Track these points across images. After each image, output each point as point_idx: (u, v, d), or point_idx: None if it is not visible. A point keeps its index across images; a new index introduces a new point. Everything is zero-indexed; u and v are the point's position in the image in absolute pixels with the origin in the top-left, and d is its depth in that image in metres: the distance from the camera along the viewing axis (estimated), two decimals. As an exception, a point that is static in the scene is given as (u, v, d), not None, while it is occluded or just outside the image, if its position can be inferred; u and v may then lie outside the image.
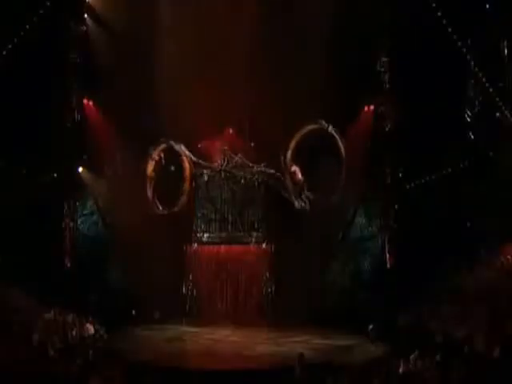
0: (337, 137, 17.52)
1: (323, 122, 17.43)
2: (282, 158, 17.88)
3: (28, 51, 16.86)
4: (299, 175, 17.72)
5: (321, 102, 17.36)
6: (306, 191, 17.60)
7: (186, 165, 18.58)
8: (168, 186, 18.71)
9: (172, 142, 18.42)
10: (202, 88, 17.40)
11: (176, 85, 17.43)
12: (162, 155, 18.34)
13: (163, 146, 18.55)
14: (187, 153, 18.74)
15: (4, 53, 16.71)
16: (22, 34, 16.96)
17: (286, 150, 17.96)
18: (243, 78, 17.60)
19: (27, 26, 17.03)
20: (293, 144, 18.00)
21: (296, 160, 18.00)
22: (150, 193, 18.45)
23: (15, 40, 16.83)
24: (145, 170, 18.67)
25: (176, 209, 18.47)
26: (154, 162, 18.43)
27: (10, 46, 16.74)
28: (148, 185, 18.49)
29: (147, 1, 18.38)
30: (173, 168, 18.63)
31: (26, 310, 15.34)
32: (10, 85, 16.70)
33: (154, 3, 18.40)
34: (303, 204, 17.44)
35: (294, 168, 17.78)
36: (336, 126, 18.27)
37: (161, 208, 18.42)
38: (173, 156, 18.75)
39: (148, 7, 18.10)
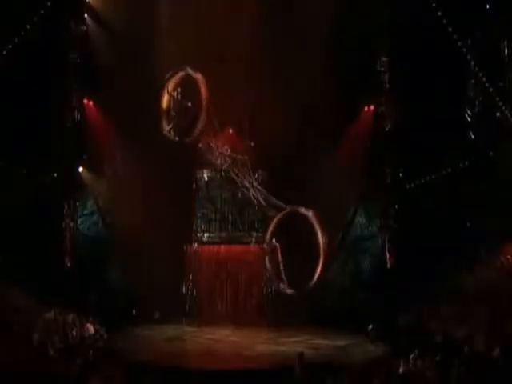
0: (313, 221, 16.11)
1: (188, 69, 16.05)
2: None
3: (28, 51, 16.86)
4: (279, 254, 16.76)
5: (321, 101, 17.36)
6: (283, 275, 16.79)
7: (204, 92, 16.36)
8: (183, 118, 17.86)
9: (189, 69, 16.22)
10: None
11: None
12: (179, 90, 16.27)
13: (180, 74, 16.40)
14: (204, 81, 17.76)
15: (4, 52, 16.71)
16: (22, 33, 16.97)
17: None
18: (243, 77, 17.60)
19: (27, 26, 17.04)
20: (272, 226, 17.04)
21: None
22: (165, 125, 16.69)
23: (15, 40, 16.84)
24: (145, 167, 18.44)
25: (190, 138, 16.55)
26: (168, 96, 17.35)
27: (10, 46, 16.75)
28: (163, 118, 17.51)
29: (147, 1, 18.37)
30: (189, 104, 17.00)
31: (26, 310, 15.34)
32: (10, 84, 16.69)
33: (154, 3, 18.39)
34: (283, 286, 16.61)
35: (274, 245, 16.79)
36: (336, 125, 18.29)
37: (176, 137, 16.99)
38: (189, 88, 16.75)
39: (148, 7, 18.09)
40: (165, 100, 16.39)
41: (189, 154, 19.14)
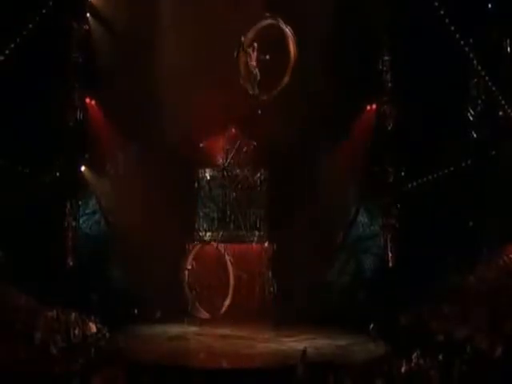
0: (288, 33, 15.50)
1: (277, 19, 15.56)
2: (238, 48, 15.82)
3: (30, 50, 16.87)
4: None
5: (323, 101, 17.36)
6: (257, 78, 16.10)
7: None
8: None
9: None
10: (204, 87, 17.41)
11: (178, 84, 17.43)
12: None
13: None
14: (229, 254, 18.54)
15: (6, 52, 16.74)
16: (24, 33, 16.98)
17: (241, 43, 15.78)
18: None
19: (29, 26, 17.06)
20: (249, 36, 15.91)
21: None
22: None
23: (17, 39, 16.85)
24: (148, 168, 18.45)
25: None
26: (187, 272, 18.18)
27: (12, 45, 16.76)
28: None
29: (149, 0, 18.38)
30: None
31: (28, 309, 15.36)
32: (12, 84, 16.72)
33: (156, 2, 18.41)
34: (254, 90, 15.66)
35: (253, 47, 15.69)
36: (338, 125, 18.28)
37: (205, 315, 18.14)
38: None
39: (150, 6, 18.10)
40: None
41: (191, 153, 19.21)
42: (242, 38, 15.27)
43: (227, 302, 17.68)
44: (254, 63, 15.61)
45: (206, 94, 17.44)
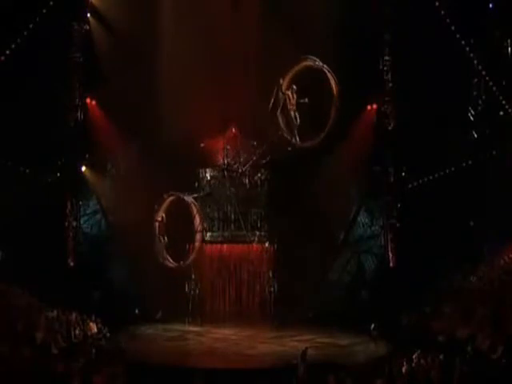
0: (328, 74, 16.08)
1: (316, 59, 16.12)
2: (275, 92, 16.52)
3: (31, 51, 16.89)
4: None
5: (322, 100, 17.31)
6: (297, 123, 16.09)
7: (196, 216, 17.73)
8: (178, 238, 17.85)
9: (180, 194, 17.26)
10: (204, 87, 17.41)
11: (179, 84, 17.43)
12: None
13: (170, 199, 17.28)
14: (196, 204, 17.99)
15: (7, 52, 16.75)
16: (25, 33, 16.99)
17: (279, 86, 16.69)
18: (245, 76, 17.59)
19: (30, 26, 17.06)
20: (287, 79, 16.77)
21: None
22: (159, 249, 17.24)
23: (18, 39, 16.87)
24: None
25: (186, 263, 17.48)
26: (158, 224, 17.32)
27: (13, 46, 16.77)
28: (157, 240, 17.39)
29: (150, 0, 18.38)
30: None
31: (30, 309, 15.37)
32: (13, 84, 16.73)
33: (157, 3, 18.40)
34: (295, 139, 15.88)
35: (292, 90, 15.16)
36: (339, 124, 18.20)
37: (172, 263, 17.29)
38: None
39: (150, 7, 18.10)
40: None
41: (191, 153, 19.18)
42: (281, 81, 15.11)
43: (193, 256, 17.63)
44: (293, 107, 15.28)
45: (206, 94, 17.43)
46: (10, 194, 17.20)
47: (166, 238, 17.16)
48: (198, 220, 17.85)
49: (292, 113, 14.88)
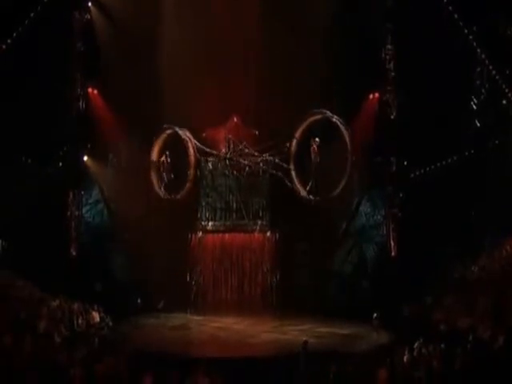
0: (342, 128, 17.27)
1: (328, 112, 17.21)
2: (287, 148, 17.75)
3: (32, 41, 16.84)
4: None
5: (326, 90, 17.29)
6: (314, 180, 17.19)
7: (191, 151, 18.48)
8: (173, 172, 18.70)
9: (177, 129, 18.28)
10: (206, 77, 17.36)
11: (180, 73, 17.38)
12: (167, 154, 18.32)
13: (168, 132, 18.42)
14: (192, 139, 18.64)
15: (9, 41, 16.70)
16: (26, 23, 16.94)
17: (291, 140, 17.86)
18: (247, 65, 17.53)
19: (31, 15, 17.00)
20: (298, 133, 18.00)
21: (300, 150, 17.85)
22: (154, 179, 18.48)
23: (19, 29, 16.81)
24: (149, 156, 18.68)
25: (180, 196, 18.43)
26: (158, 149, 18.37)
27: (14, 35, 16.73)
28: (152, 171, 18.48)
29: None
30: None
31: (32, 299, 15.44)
32: (14, 74, 16.70)
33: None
34: (311, 196, 16.97)
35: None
36: (341, 114, 18.17)
37: (166, 194, 18.45)
38: (177, 143, 18.63)
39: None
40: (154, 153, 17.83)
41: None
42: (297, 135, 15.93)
43: None
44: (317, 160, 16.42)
45: (207, 84, 17.38)
46: (12, 184, 17.22)
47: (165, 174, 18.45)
48: (191, 152, 18.50)
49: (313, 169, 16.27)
